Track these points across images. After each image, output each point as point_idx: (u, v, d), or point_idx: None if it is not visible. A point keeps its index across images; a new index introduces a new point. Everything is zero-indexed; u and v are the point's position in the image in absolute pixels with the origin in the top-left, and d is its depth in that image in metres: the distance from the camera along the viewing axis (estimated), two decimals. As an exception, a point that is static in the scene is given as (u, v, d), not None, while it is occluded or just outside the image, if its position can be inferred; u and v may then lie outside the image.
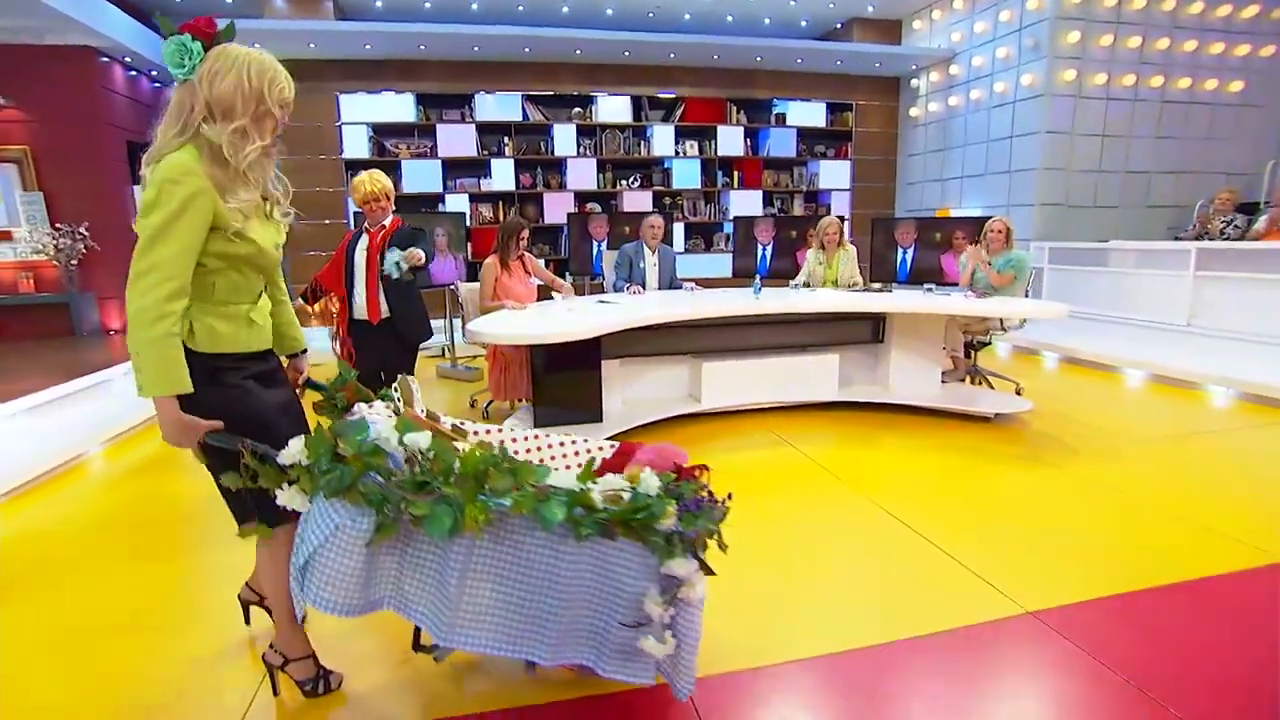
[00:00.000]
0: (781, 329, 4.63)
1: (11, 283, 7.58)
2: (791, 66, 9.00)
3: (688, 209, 9.29)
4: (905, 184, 9.73)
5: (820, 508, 3.13)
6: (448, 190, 8.59)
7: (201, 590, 2.51)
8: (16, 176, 7.39)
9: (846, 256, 5.36)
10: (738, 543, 2.73)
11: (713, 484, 1.90)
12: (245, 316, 1.67)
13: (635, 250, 5.26)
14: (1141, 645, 2.09)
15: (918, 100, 9.40)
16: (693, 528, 1.54)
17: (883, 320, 4.78)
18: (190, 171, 1.52)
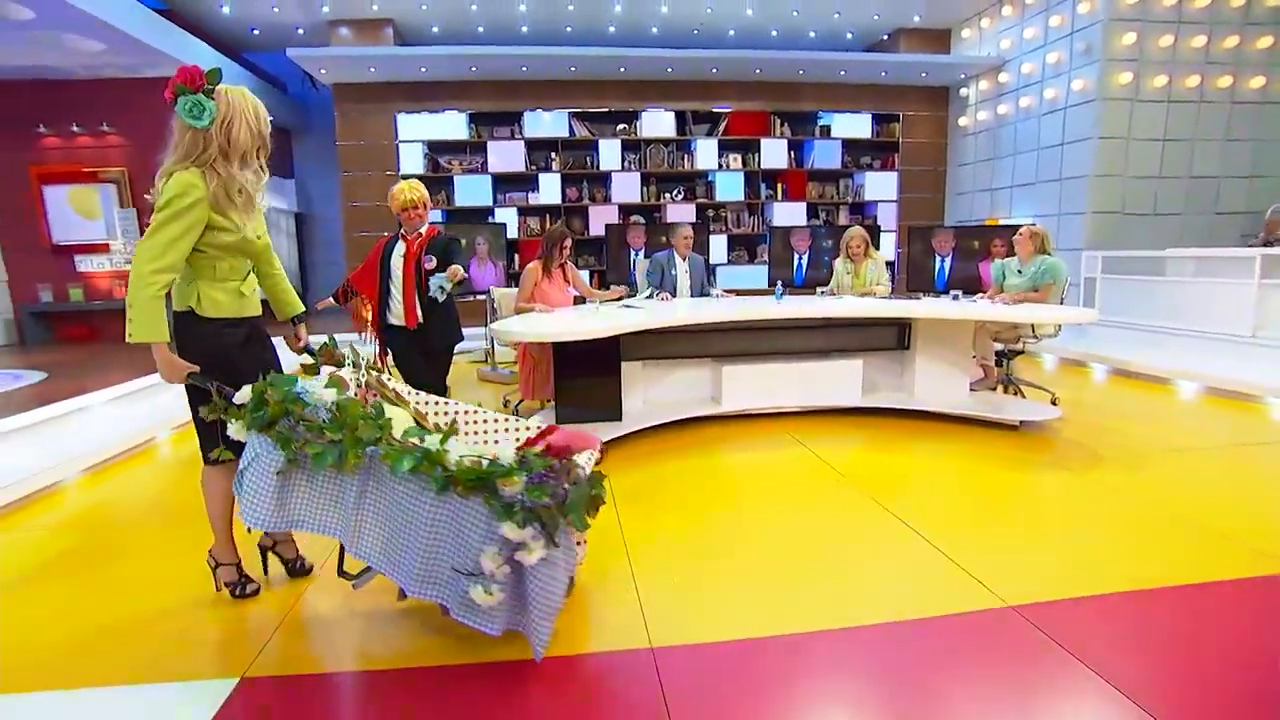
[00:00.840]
0: (804, 334, 4.64)
1: (108, 290, 8.32)
2: (835, 78, 9.00)
3: (730, 221, 9.35)
4: (955, 194, 9.54)
5: (819, 504, 3.14)
6: (497, 204, 8.92)
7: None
8: (115, 195, 8.13)
9: (874, 265, 5.34)
10: (730, 531, 2.84)
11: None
12: (236, 290, 2.19)
13: (667, 259, 5.36)
14: (1124, 644, 2.04)
15: (967, 109, 9.24)
16: (538, 498, 1.73)
17: (908, 326, 4.74)
18: (194, 186, 2.03)
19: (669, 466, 3.72)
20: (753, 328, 4.55)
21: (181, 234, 2.01)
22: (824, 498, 3.22)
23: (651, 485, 3.45)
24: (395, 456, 1.80)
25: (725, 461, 3.83)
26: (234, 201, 2.08)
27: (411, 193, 3.36)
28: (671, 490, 3.36)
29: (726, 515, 3.05)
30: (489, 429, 2.40)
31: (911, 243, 6.64)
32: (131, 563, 2.76)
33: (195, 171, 2.05)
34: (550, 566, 1.80)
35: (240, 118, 2.09)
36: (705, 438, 4.20)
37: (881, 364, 4.89)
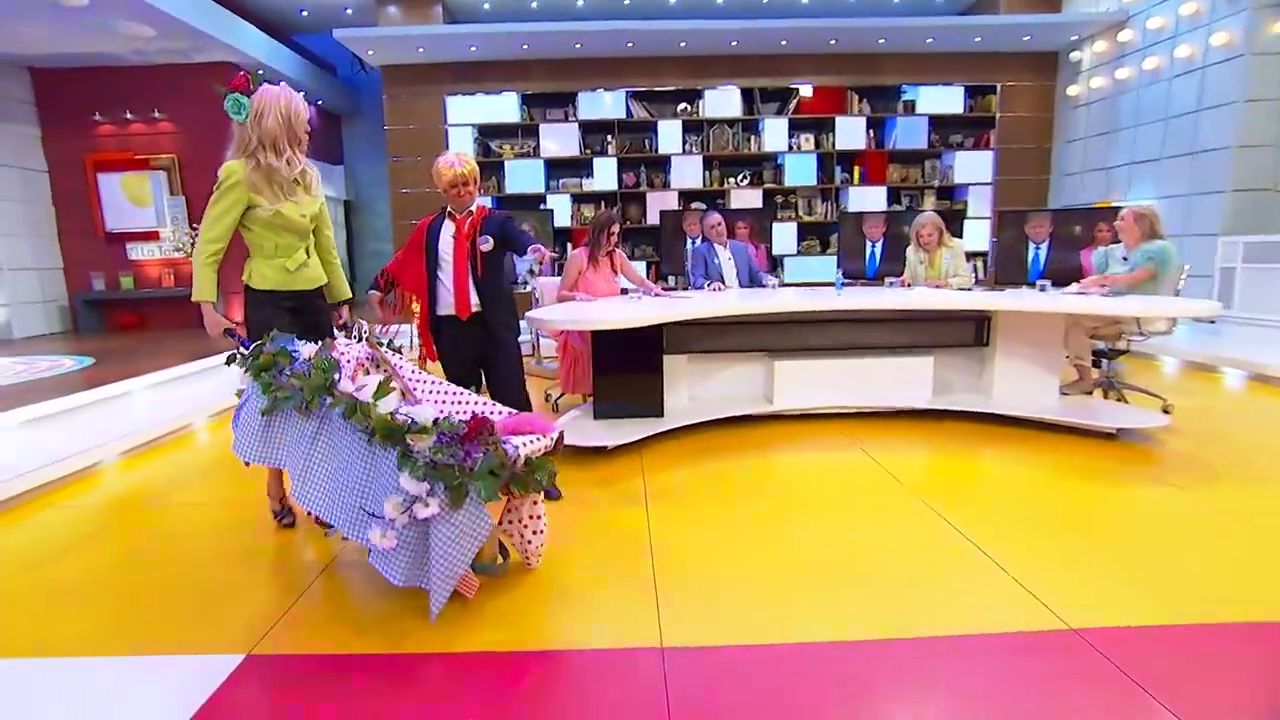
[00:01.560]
0: (867, 328, 4.58)
1: (157, 278, 8.96)
2: (921, 47, 8.80)
3: (802, 208, 9.27)
4: (1061, 175, 9.18)
5: (871, 512, 3.11)
6: (550, 190, 9.12)
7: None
8: (165, 182, 8.74)
9: (950, 254, 5.22)
10: (768, 536, 2.86)
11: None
12: (282, 267, 2.77)
13: (706, 249, 5.41)
14: (1212, 681, 1.95)
15: (1079, 76, 8.83)
16: (444, 456, 2.11)
17: (988, 321, 4.61)
18: (234, 172, 2.66)
19: (710, 467, 3.75)
20: (810, 320, 4.53)
21: (224, 211, 2.64)
22: (878, 506, 3.19)
23: (689, 485, 3.49)
24: (335, 403, 2.32)
25: (772, 463, 3.83)
26: (269, 184, 2.65)
27: (462, 166, 3.15)
28: (709, 491, 3.40)
29: (766, 519, 3.06)
30: (453, 400, 2.66)
31: (1002, 229, 6.44)
32: (158, 541, 3.01)
33: (239, 160, 2.66)
34: (452, 529, 2.10)
35: (270, 110, 2.62)
36: (753, 438, 4.21)
37: (956, 362, 4.78)
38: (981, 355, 4.73)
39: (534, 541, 2.57)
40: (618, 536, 2.88)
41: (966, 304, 4.39)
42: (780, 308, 4.33)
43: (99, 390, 4.54)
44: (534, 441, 2.34)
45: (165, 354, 6.25)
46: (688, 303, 4.36)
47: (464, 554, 2.13)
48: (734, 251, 5.43)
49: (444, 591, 2.13)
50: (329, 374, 2.36)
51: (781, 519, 3.06)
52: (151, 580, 2.64)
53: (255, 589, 2.53)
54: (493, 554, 2.50)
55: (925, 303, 4.43)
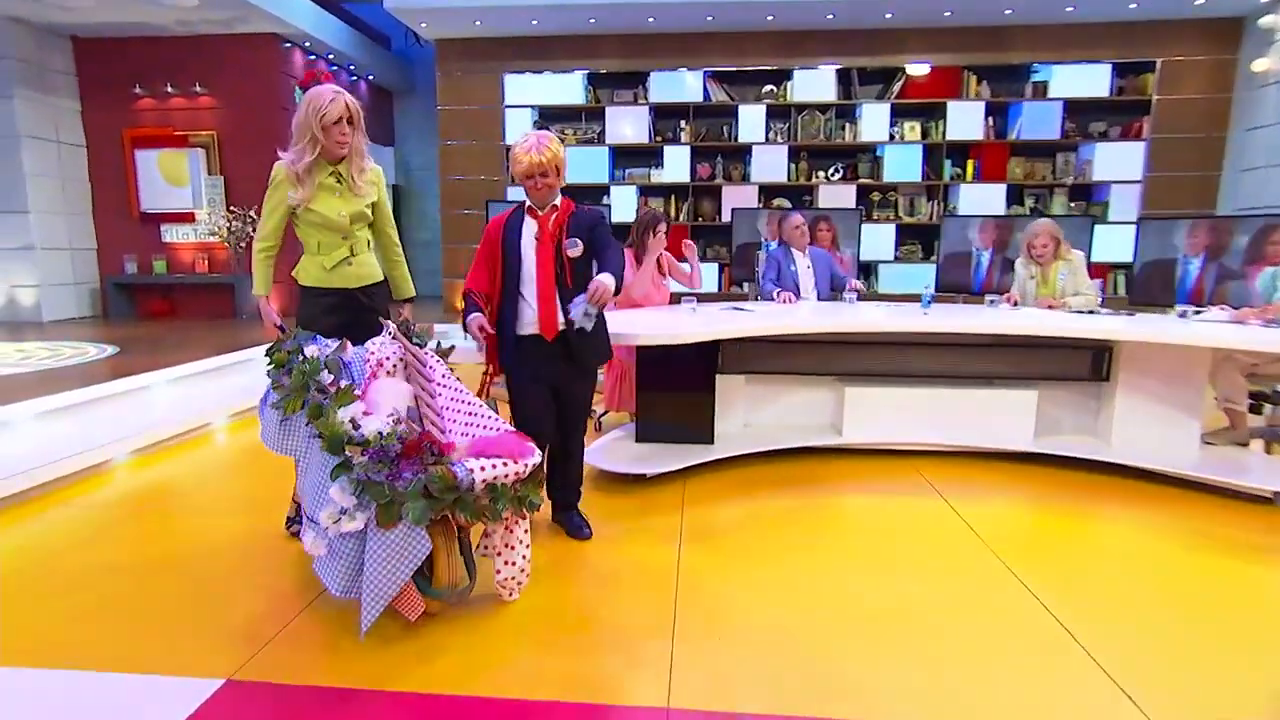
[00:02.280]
0: (958, 353, 4.51)
1: (189, 263, 9.54)
2: (1059, 17, 8.52)
3: (903, 207, 9.15)
4: (1237, 171, 8.64)
5: (942, 569, 3.07)
6: (614, 181, 9.27)
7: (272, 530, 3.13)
8: (204, 161, 9.31)
9: (1068, 268, 5.05)
10: (813, 588, 2.86)
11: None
12: (324, 265, 3.09)
13: (783, 253, 5.41)
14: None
15: (1271, 48, 8.18)
16: (374, 473, 2.32)
17: (1109, 351, 4.47)
18: (277, 171, 3.03)
19: (758, 504, 3.77)
20: (890, 342, 4.50)
21: (271, 210, 3.05)
22: (949, 564, 3.14)
23: (731, 524, 3.52)
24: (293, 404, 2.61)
25: (830, 505, 3.83)
26: (301, 181, 2.99)
27: (541, 153, 2.94)
28: (754, 532, 3.42)
29: (813, 569, 3.06)
30: (468, 411, 2.81)
31: (1142, 238, 6.21)
32: (159, 548, 3.23)
33: (286, 157, 3.06)
34: (384, 547, 2.31)
35: (301, 108, 2.96)
36: (815, 474, 4.21)
37: (1066, 398, 4.67)
38: (1099, 391, 4.60)
39: (504, 572, 2.66)
40: (639, 577, 2.94)
41: (1082, 330, 4.24)
42: (854, 326, 4.32)
43: (116, 383, 4.88)
44: (499, 467, 2.45)
45: (193, 345, 6.68)
46: (747, 317, 4.38)
47: (395, 574, 2.33)
48: (814, 258, 5.42)
49: (374, 609, 2.34)
50: (309, 376, 2.59)
51: (831, 570, 3.06)
52: (145, 590, 2.84)
53: (251, 606, 2.70)
54: (451, 578, 2.54)
55: (1030, 326, 4.32)
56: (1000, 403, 4.46)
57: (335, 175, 3.02)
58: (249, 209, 9.09)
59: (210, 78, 9.13)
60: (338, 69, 10.27)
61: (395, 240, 3.34)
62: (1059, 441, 4.49)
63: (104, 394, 4.75)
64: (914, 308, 4.82)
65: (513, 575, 2.66)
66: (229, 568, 3.03)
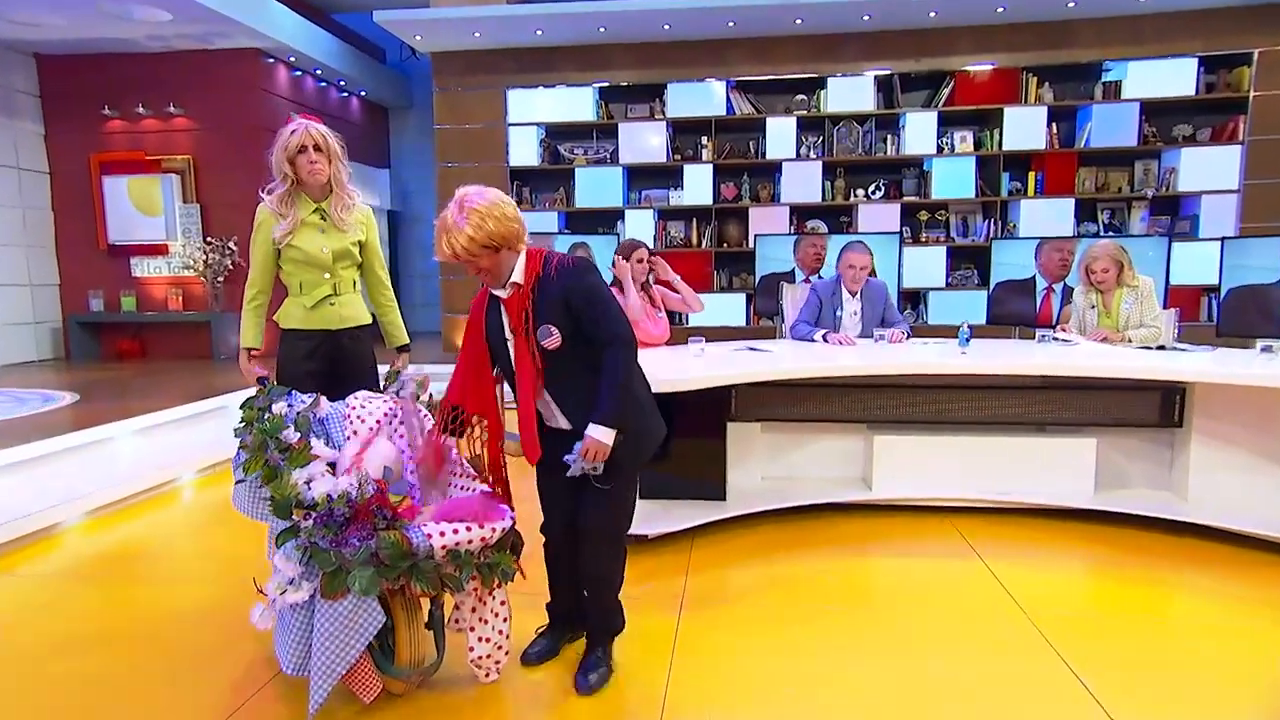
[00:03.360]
0: (1002, 396, 4.56)
1: (162, 300, 9.82)
2: (1132, 8, 8.54)
3: (954, 228, 9.24)
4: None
5: (975, 646, 3.11)
6: (630, 204, 9.47)
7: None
8: (178, 188, 9.63)
9: (1134, 297, 5.10)
10: (829, 663, 2.94)
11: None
12: (305, 305, 3.31)
13: (830, 290, 5.40)
14: None
15: None
16: (320, 538, 2.43)
17: (1181, 393, 4.48)
18: (260, 211, 3.28)
19: (774, 568, 3.86)
20: (925, 385, 4.57)
21: (257, 255, 3.29)
22: (981, 643, 3.15)
23: (741, 589, 3.61)
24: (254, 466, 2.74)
25: (855, 568, 3.90)
26: (282, 215, 3.23)
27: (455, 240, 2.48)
28: (766, 599, 3.50)
29: (828, 641, 3.13)
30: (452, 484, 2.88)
31: (1228, 257, 6.20)
32: (111, 621, 3.36)
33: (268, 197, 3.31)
34: (331, 621, 2.40)
35: (275, 147, 3.21)
36: (839, 533, 4.29)
37: (1133, 447, 4.71)
38: (1171, 439, 4.64)
39: (478, 650, 2.69)
40: (630, 648, 3.01)
41: (1148, 368, 4.28)
42: (884, 368, 4.39)
43: (71, 436, 5.03)
44: (461, 532, 2.49)
45: (163, 391, 6.88)
46: (761, 358, 4.50)
47: (344, 650, 2.42)
48: (866, 298, 5.38)
49: (322, 688, 2.43)
50: (269, 434, 2.73)
51: (846, 645, 3.12)
52: (92, 670, 2.96)
53: (205, 687, 2.81)
54: (414, 656, 2.61)
55: (1087, 366, 4.38)
56: (1053, 452, 4.51)
57: (319, 213, 3.28)
58: (228, 239, 9.39)
59: (186, 97, 9.48)
60: (327, 85, 10.65)
61: (386, 282, 3.58)
62: (1123, 497, 4.51)
63: (57, 448, 4.89)
64: (952, 344, 4.90)
65: (487, 653, 2.69)
66: (189, 648, 3.12)
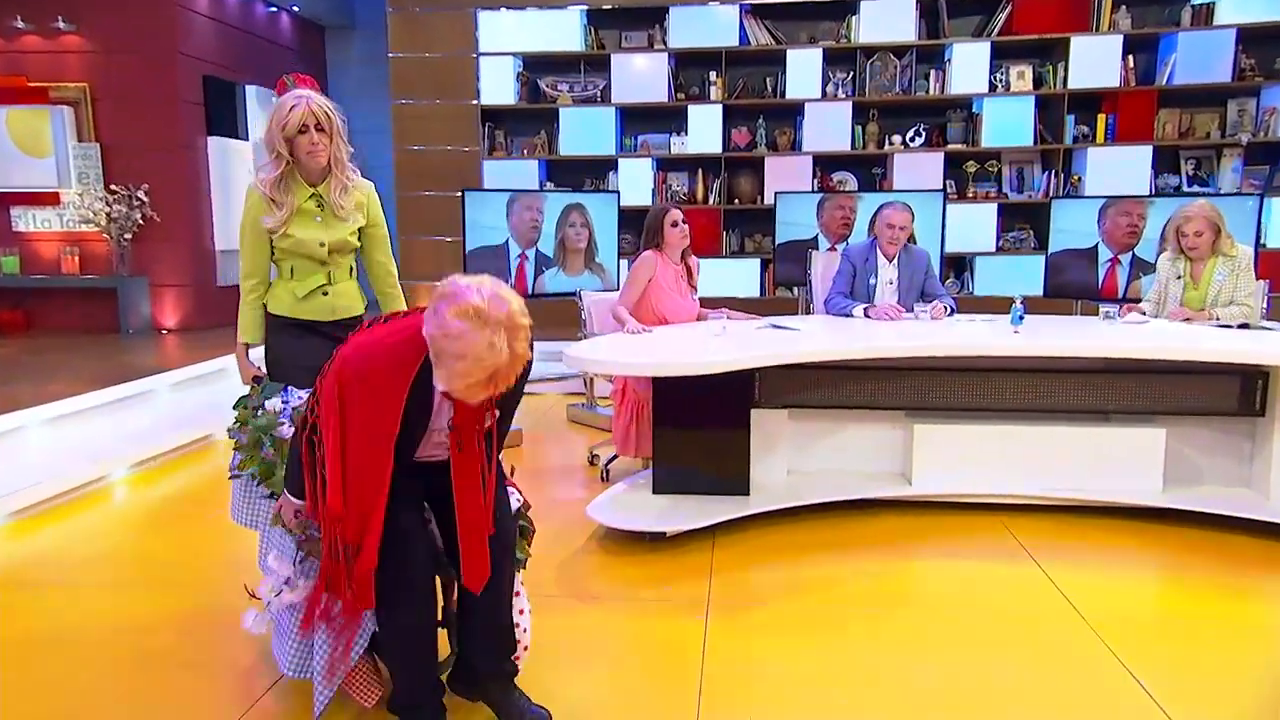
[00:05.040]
0: (1059, 381, 4.90)
1: (53, 261, 9.84)
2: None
3: (1007, 181, 9.59)
4: None
5: (1029, 657, 3.41)
6: (624, 151, 9.78)
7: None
8: (71, 122, 9.60)
9: (1228, 268, 5.40)
10: (876, 670, 3.31)
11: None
12: (296, 294, 3.57)
13: (863, 255, 5.83)
14: None
15: None
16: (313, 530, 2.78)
17: (1264, 379, 4.78)
18: (249, 194, 3.54)
19: (806, 570, 4.28)
20: (972, 368, 4.92)
21: (249, 243, 3.56)
22: (1035, 651, 3.47)
23: (772, 592, 4.04)
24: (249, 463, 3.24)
25: (895, 572, 4.32)
26: (275, 201, 3.46)
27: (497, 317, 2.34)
28: (798, 604, 3.93)
29: (868, 651, 3.50)
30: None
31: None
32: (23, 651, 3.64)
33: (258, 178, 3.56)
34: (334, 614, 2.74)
35: (265, 124, 3.47)
36: (875, 533, 4.70)
37: (1207, 439, 5.04)
38: (1253, 430, 4.96)
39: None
40: (655, 655, 3.46)
41: (1224, 350, 4.58)
42: (926, 349, 4.75)
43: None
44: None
45: (63, 373, 6.96)
46: (789, 338, 4.90)
47: (349, 647, 2.78)
48: (903, 265, 5.79)
49: (328, 688, 2.79)
50: (265, 431, 3.14)
51: (895, 648, 3.52)
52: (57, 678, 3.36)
53: (188, 698, 3.20)
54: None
55: (1156, 347, 4.70)
56: (1117, 444, 4.86)
57: (315, 199, 3.51)
58: (136, 188, 9.47)
59: (79, 10, 9.42)
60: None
61: (391, 270, 3.84)
62: (1196, 495, 4.82)
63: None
64: (1004, 321, 5.24)
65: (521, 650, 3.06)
66: (157, 651, 3.52)
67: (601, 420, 7.03)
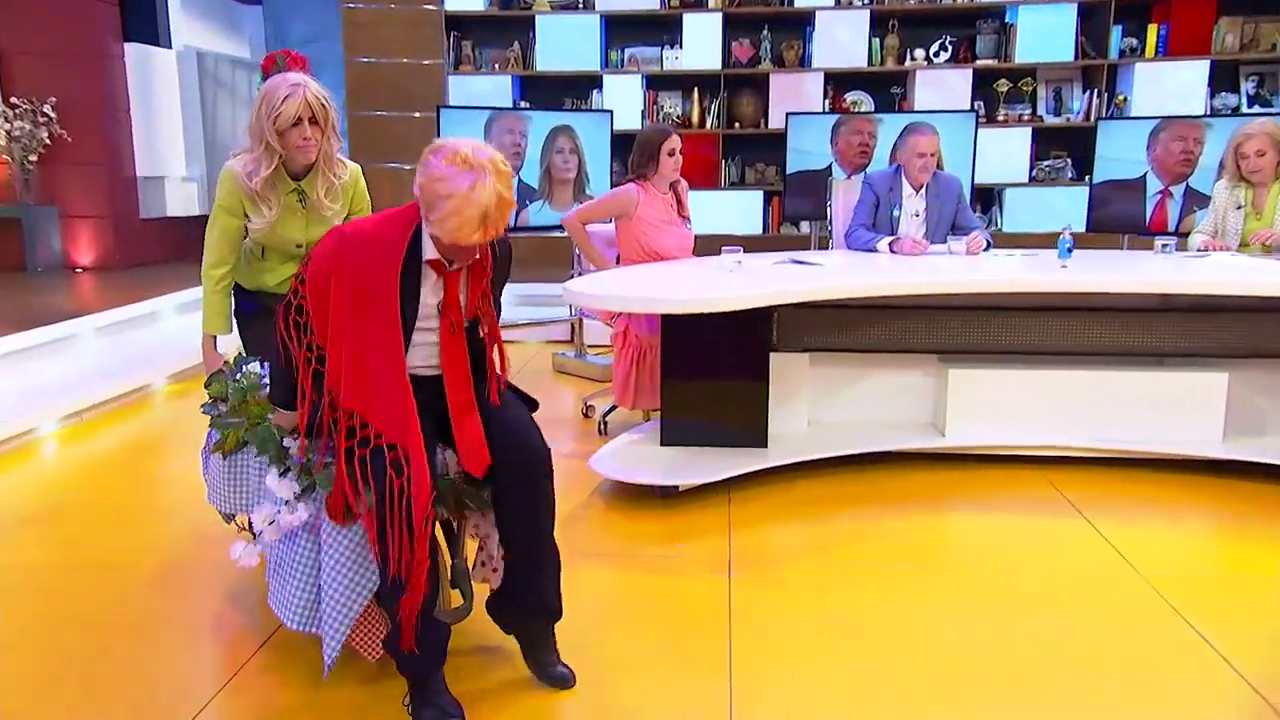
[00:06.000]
0: (1109, 321, 5.04)
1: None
2: None
3: (1043, 102, 9.68)
4: None
5: (1087, 614, 3.54)
6: (609, 68, 9.84)
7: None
8: None
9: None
10: (919, 631, 3.45)
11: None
12: (267, 282, 3.83)
13: (887, 183, 5.93)
14: None
15: None
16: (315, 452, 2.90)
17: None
18: (228, 178, 3.64)
19: (832, 527, 4.45)
20: (1012, 306, 5.04)
21: (221, 232, 3.71)
22: (1092, 606, 3.63)
23: (797, 550, 4.23)
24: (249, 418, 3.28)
25: (929, 527, 4.51)
26: (259, 198, 3.60)
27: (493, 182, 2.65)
28: (826, 561, 4.09)
29: (909, 608, 3.66)
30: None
31: None
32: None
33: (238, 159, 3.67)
34: (342, 550, 2.84)
35: (254, 108, 3.56)
36: (906, 488, 4.88)
37: (1273, 383, 5.20)
38: None
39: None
40: (679, 614, 3.63)
41: None
42: (961, 285, 4.89)
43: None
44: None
45: None
46: (811, 274, 5.01)
47: (356, 587, 2.87)
48: (933, 195, 5.90)
49: (337, 637, 2.86)
50: (249, 391, 3.31)
51: (937, 605, 3.67)
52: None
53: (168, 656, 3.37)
54: (442, 598, 3.11)
55: (1217, 281, 4.82)
56: (1173, 390, 5.00)
57: (298, 193, 3.68)
58: (41, 103, 9.36)
59: None
60: None
61: None
62: (1260, 445, 4.98)
63: None
64: (1049, 257, 5.34)
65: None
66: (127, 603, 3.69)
67: (592, 370, 7.18)
